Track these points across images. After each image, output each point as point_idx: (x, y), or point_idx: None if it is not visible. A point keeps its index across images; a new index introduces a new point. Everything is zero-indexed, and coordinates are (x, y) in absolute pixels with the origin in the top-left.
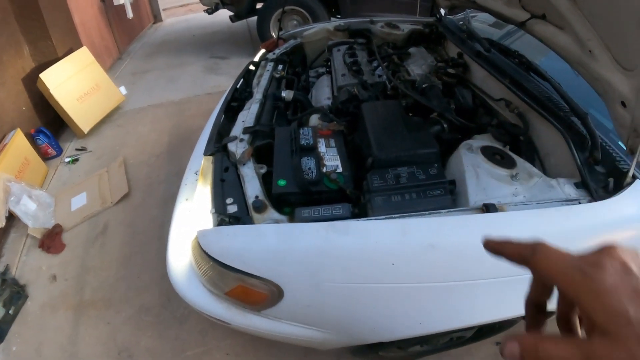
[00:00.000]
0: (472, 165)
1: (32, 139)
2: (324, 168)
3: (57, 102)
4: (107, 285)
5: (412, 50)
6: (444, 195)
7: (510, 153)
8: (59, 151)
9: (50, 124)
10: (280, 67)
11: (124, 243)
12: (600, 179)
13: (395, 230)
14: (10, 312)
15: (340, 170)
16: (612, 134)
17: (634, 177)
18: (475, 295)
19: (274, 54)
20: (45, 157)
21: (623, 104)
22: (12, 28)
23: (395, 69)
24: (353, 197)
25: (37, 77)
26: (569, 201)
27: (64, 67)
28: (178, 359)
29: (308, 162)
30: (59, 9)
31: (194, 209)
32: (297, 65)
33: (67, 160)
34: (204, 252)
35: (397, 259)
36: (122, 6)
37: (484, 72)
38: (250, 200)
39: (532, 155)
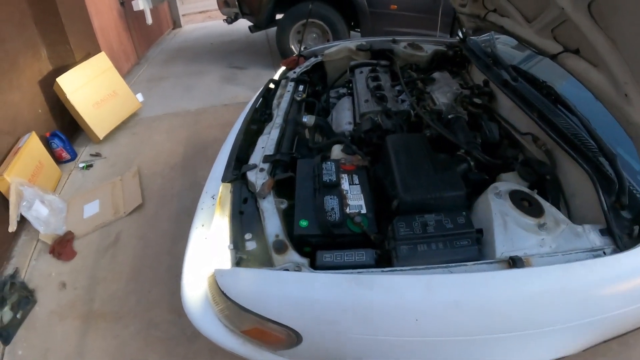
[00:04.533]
0: (500, 213)
1: (46, 142)
2: (347, 208)
3: (73, 107)
4: (116, 298)
5: (436, 75)
6: (471, 245)
7: (538, 198)
8: (74, 155)
9: (65, 128)
10: (301, 87)
11: (135, 256)
12: (625, 225)
13: (420, 286)
14: (18, 316)
15: (364, 211)
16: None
17: None
18: (500, 346)
19: (294, 72)
20: (59, 161)
21: None
22: (30, 31)
23: (419, 96)
24: (377, 243)
25: (54, 80)
26: (594, 251)
27: (82, 72)
28: None
29: (331, 202)
30: (77, 13)
31: (210, 238)
32: (317, 83)
33: (81, 165)
34: (222, 291)
35: (421, 315)
36: (142, 12)
37: (510, 102)
38: (270, 238)
39: (558, 195)
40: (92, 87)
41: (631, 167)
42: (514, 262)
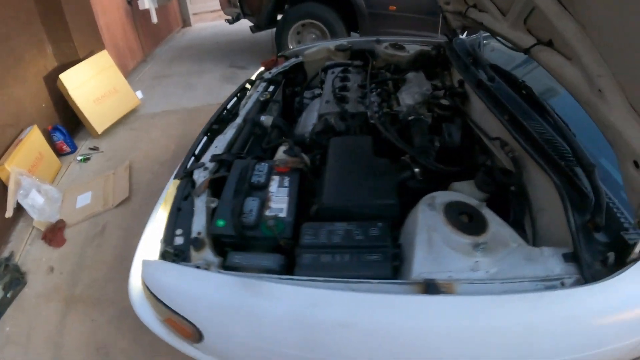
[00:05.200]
0: (427, 227)
1: (48, 135)
2: (268, 211)
3: (74, 103)
4: (97, 285)
5: (409, 75)
6: (383, 261)
7: (487, 212)
8: (74, 148)
9: (67, 122)
10: (271, 88)
11: (118, 246)
12: (598, 250)
13: (305, 299)
14: (8, 295)
15: (283, 215)
16: (624, 193)
17: None
18: None
19: (270, 73)
20: (60, 153)
21: (636, 163)
22: (35, 28)
23: (385, 97)
24: (287, 249)
25: (58, 76)
26: (549, 280)
27: (84, 69)
28: None
29: (252, 203)
30: (82, 11)
31: (153, 230)
32: (299, 84)
33: (79, 158)
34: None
35: (304, 330)
36: (148, 10)
37: (483, 104)
38: (193, 235)
39: (523, 210)
40: (94, 84)
41: (615, 180)
42: (428, 288)
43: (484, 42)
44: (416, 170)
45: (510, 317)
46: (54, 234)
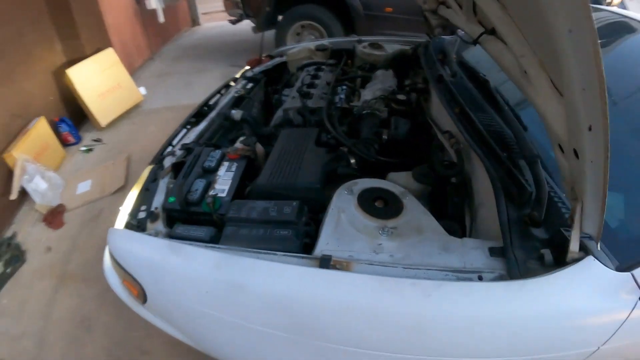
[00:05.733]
0: (337, 208)
1: (55, 126)
2: (212, 191)
3: (80, 96)
4: (87, 264)
5: (377, 73)
6: (291, 237)
7: (408, 200)
8: (78, 139)
9: (73, 115)
10: (249, 85)
11: None
12: (534, 247)
13: (210, 262)
14: (8, 271)
15: (223, 194)
16: None
17: (585, 252)
18: (276, 345)
19: (252, 71)
20: (65, 144)
21: (561, 147)
22: (45, 26)
23: (349, 94)
24: (219, 222)
25: (65, 71)
26: (463, 272)
27: (90, 65)
28: (125, 337)
29: (199, 184)
30: (89, 11)
31: (124, 207)
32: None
33: (83, 149)
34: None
35: (209, 289)
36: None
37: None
38: (151, 210)
39: (461, 202)
40: (99, 79)
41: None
42: (321, 262)
43: None
44: (352, 160)
45: (396, 301)
46: (53, 216)
